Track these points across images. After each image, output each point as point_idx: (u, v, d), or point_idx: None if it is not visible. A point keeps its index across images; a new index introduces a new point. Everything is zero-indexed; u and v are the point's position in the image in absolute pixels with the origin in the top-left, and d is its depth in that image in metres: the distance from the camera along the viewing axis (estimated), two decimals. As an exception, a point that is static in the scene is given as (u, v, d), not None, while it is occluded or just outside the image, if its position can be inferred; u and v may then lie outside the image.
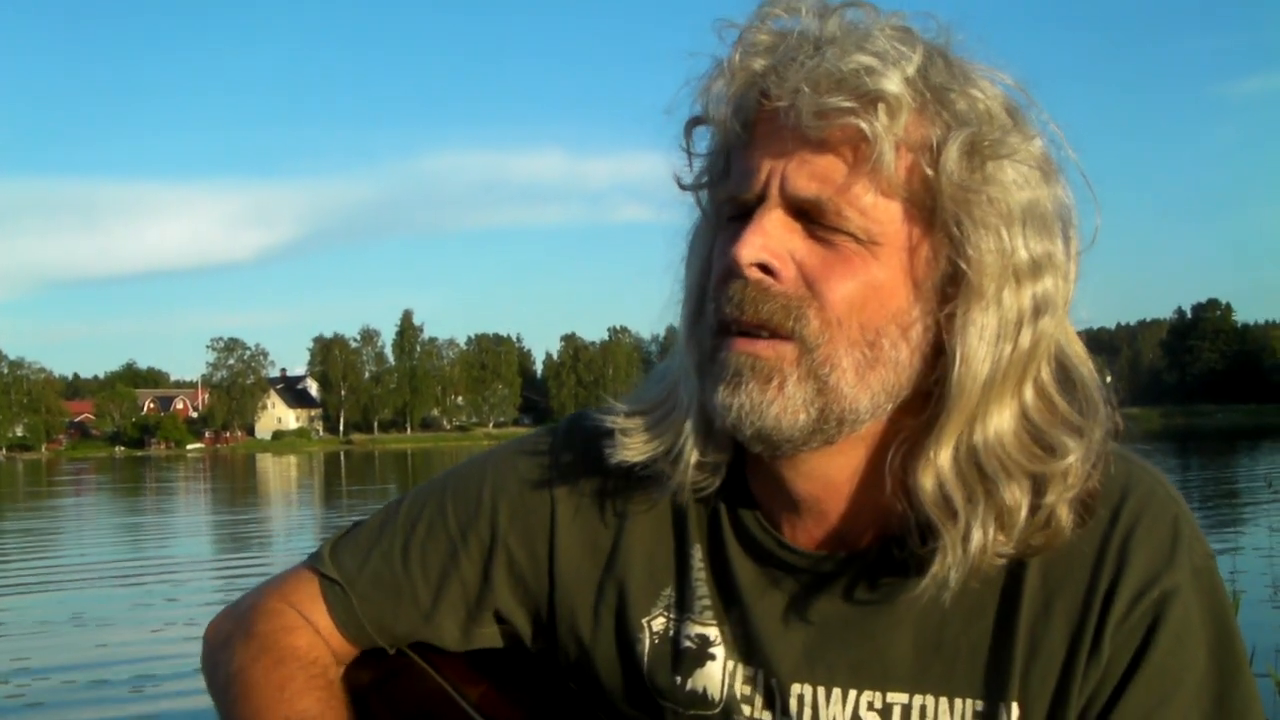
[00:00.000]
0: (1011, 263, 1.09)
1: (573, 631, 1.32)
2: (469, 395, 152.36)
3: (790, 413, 1.10)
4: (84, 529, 28.95)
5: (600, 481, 1.30)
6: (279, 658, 1.30)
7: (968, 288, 1.09)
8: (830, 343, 1.10)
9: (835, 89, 1.06)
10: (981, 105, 1.09)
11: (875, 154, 1.06)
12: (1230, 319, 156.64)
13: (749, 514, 1.25)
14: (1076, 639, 1.12)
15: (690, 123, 1.19)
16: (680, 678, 1.26)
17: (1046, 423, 1.12)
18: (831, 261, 1.09)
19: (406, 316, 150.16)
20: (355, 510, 29.12)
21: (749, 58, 1.12)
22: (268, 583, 1.42)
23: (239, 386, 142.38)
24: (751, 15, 1.14)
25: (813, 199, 1.08)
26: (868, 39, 1.08)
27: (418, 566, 1.34)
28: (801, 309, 1.09)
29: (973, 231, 1.08)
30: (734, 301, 1.10)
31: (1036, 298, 1.10)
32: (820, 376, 1.10)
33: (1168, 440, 67.98)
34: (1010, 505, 1.10)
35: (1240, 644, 1.13)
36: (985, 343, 1.09)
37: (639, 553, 1.28)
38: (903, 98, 1.06)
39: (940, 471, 1.11)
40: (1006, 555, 1.12)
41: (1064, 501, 1.11)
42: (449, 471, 1.40)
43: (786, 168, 1.09)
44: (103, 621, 12.92)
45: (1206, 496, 24.48)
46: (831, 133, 1.07)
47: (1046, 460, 1.11)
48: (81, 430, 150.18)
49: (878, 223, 1.09)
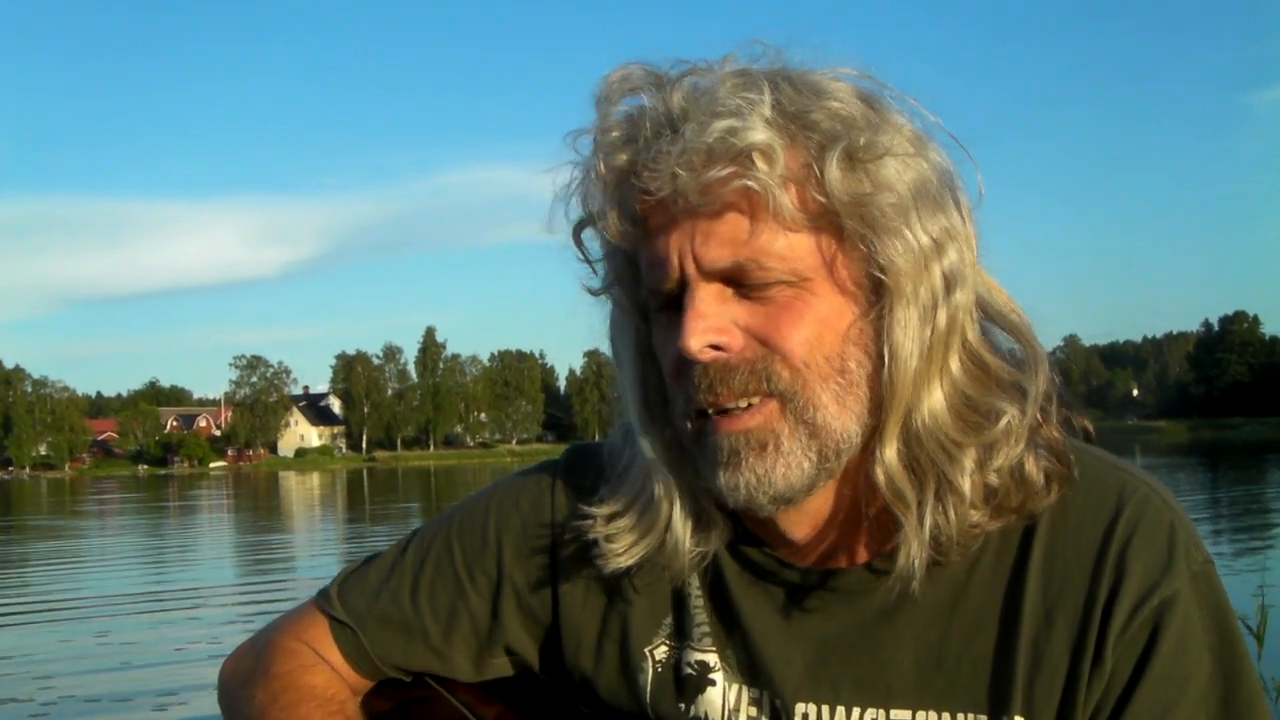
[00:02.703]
0: (919, 253, 1.11)
1: (578, 662, 1.34)
2: (492, 412, 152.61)
3: (795, 468, 1.12)
4: (109, 550, 29.03)
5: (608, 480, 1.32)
6: (298, 698, 1.32)
7: (889, 290, 1.11)
8: (806, 385, 1.11)
9: (709, 161, 1.07)
10: (842, 112, 1.10)
11: (769, 202, 1.08)
12: (1258, 331, 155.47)
13: (744, 538, 1.26)
14: (1079, 650, 1.13)
15: (576, 230, 1.22)
16: (683, 705, 1.27)
17: (979, 389, 1.14)
18: (774, 314, 1.11)
19: (429, 333, 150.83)
20: (380, 530, 29.13)
21: (612, 157, 1.14)
22: (281, 620, 1.45)
23: (262, 404, 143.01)
24: (598, 108, 1.17)
25: (731, 265, 1.10)
26: (716, 101, 1.09)
27: (427, 605, 1.37)
28: (768, 367, 1.11)
29: (878, 239, 1.10)
30: (703, 387, 1.12)
31: (946, 274, 1.12)
32: (808, 421, 1.12)
33: (1195, 454, 67.50)
34: (958, 484, 1.12)
35: (1243, 646, 1.14)
36: (910, 335, 1.11)
37: (639, 583, 1.30)
38: (772, 141, 1.08)
39: (889, 467, 1.13)
40: (983, 526, 1.14)
41: (1017, 459, 1.13)
42: (454, 508, 1.43)
43: (694, 246, 1.11)
44: (127, 641, 12.94)
45: (1235, 510, 24.27)
46: (722, 200, 1.09)
47: (985, 428, 1.13)
48: (105, 449, 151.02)
49: (798, 260, 1.10)
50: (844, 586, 1.21)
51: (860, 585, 1.21)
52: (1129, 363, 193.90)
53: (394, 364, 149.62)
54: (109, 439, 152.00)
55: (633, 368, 1.23)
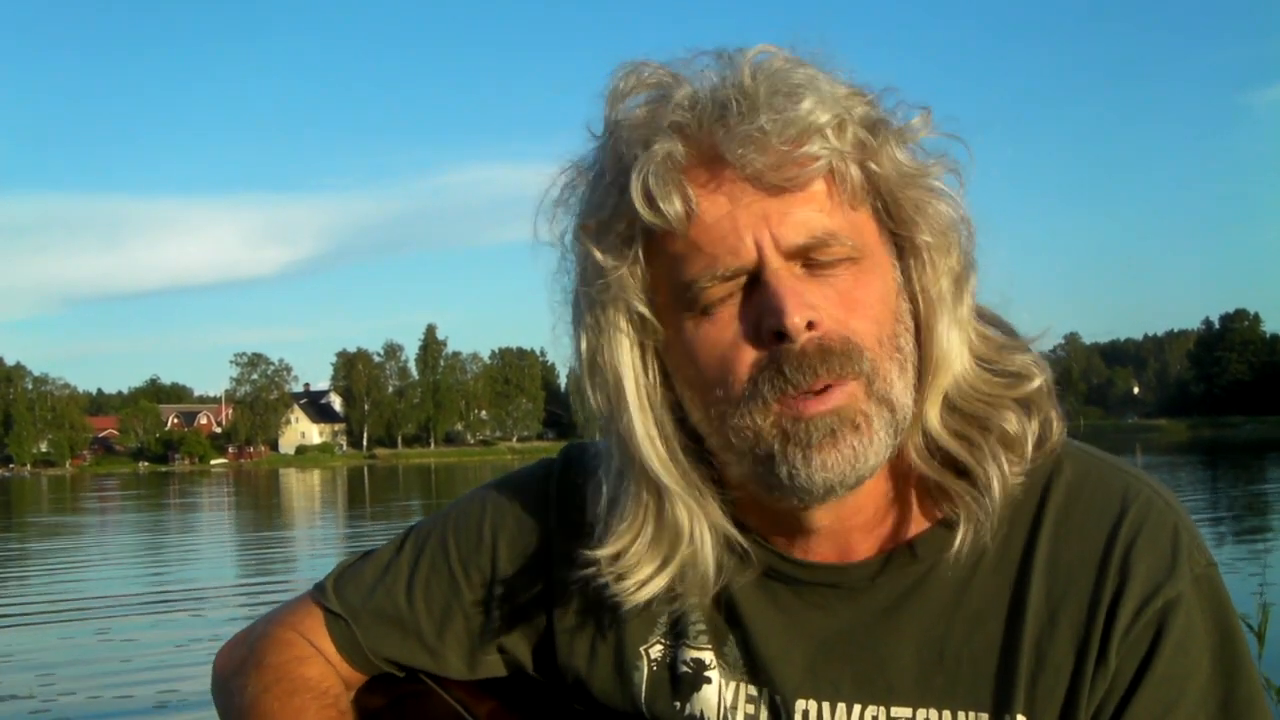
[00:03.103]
0: (949, 233, 1.16)
1: (571, 662, 1.34)
2: (493, 409, 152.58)
3: (881, 443, 1.13)
4: (109, 548, 29.03)
5: (595, 515, 1.30)
6: (291, 688, 1.32)
7: (931, 264, 1.15)
8: (880, 363, 1.12)
9: (799, 139, 1.08)
10: (871, 98, 1.15)
11: (842, 177, 1.11)
12: (1258, 329, 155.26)
13: (755, 553, 1.24)
14: (1083, 650, 1.14)
15: (585, 229, 1.18)
16: (679, 703, 1.27)
17: (995, 355, 1.19)
18: (845, 292, 1.12)
19: (430, 331, 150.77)
20: (380, 528, 29.13)
21: (665, 141, 1.11)
22: (275, 612, 1.44)
23: (262, 402, 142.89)
24: (617, 102, 1.16)
25: (809, 242, 1.10)
26: (790, 78, 1.11)
27: (421, 602, 1.37)
28: (855, 348, 1.11)
29: (920, 215, 1.15)
30: (800, 367, 1.09)
31: (965, 254, 1.18)
32: (885, 398, 1.12)
33: (1196, 452, 67.49)
34: (1014, 431, 1.16)
35: (1244, 649, 1.15)
36: (946, 308, 1.16)
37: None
38: (843, 117, 1.10)
39: (933, 432, 1.16)
40: (1021, 480, 1.17)
41: (1053, 411, 1.18)
42: (450, 506, 1.43)
43: (771, 225, 1.10)
44: (127, 638, 12.96)
45: (1236, 508, 24.26)
46: (804, 177, 1.10)
47: (1020, 385, 1.17)
48: (105, 446, 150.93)
49: (860, 236, 1.13)
50: (846, 583, 1.21)
51: (862, 582, 1.21)
52: (1129, 361, 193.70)
53: (395, 362, 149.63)
54: (110, 436, 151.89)
55: (635, 390, 1.19)
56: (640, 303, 1.17)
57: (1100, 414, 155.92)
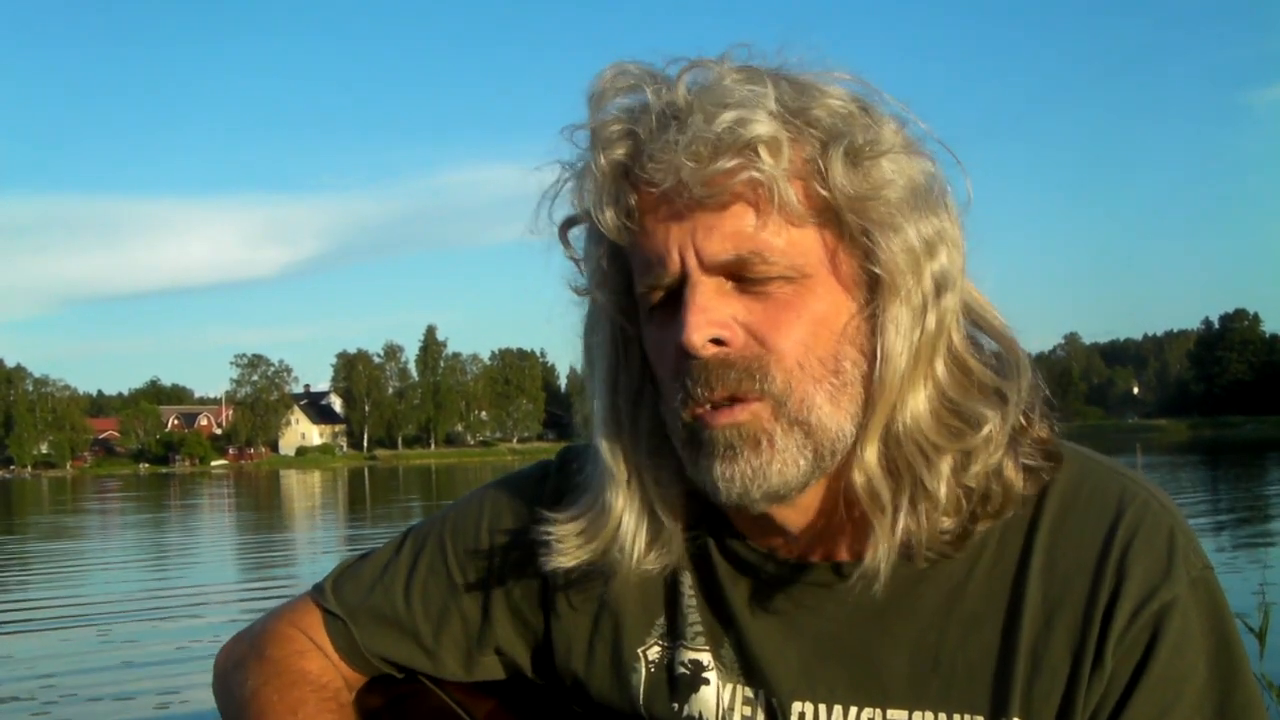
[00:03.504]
0: (914, 253, 1.12)
1: (569, 664, 1.34)
2: (493, 410, 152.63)
3: (790, 465, 1.12)
4: (110, 550, 29.04)
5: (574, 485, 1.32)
6: (292, 681, 1.33)
7: (884, 288, 1.12)
8: (799, 387, 1.11)
9: (716, 153, 1.07)
10: (842, 110, 1.12)
11: (774, 195, 1.08)
12: (1258, 329, 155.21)
13: (733, 536, 1.26)
14: (1079, 653, 1.13)
15: (564, 227, 1.22)
16: (677, 704, 1.27)
17: (962, 393, 1.15)
18: (773, 311, 1.11)
19: (430, 332, 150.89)
20: (381, 529, 29.15)
21: (611, 150, 1.13)
22: (276, 610, 1.45)
23: (263, 403, 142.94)
24: (593, 105, 1.16)
25: (734, 258, 1.10)
26: (723, 93, 1.09)
27: (419, 603, 1.37)
28: (762, 367, 1.11)
29: (880, 236, 1.11)
30: (700, 381, 1.11)
31: (936, 277, 1.13)
32: (802, 421, 1.11)
33: (1196, 452, 67.47)
34: (932, 490, 1.12)
35: (1241, 652, 1.15)
36: (901, 335, 1.12)
37: (631, 584, 1.29)
38: (778, 134, 1.08)
39: (868, 468, 1.13)
40: (952, 532, 1.14)
41: (996, 465, 1.14)
42: (448, 507, 1.43)
43: (695, 239, 1.10)
44: (128, 640, 12.96)
45: (1236, 509, 24.24)
46: (728, 192, 1.09)
47: (966, 434, 1.13)
48: (106, 447, 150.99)
49: (801, 255, 1.11)
50: (838, 585, 1.21)
51: (855, 583, 1.20)
52: (1129, 361, 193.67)
53: (395, 362, 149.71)
54: (110, 438, 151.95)
55: (606, 371, 1.22)
56: (615, 294, 1.20)
57: (1100, 414, 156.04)
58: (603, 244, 1.19)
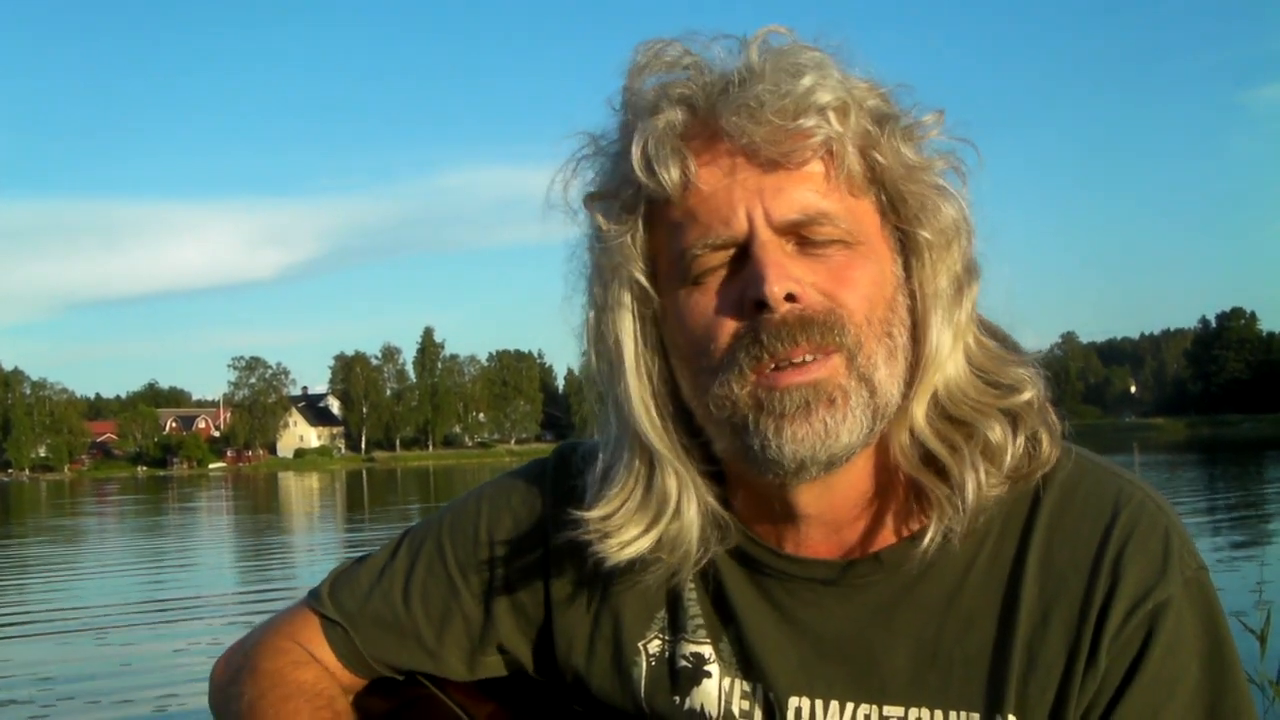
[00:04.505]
0: (952, 232, 1.17)
1: (570, 660, 1.34)
2: (491, 412, 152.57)
3: (857, 425, 1.13)
4: (109, 554, 28.99)
5: (589, 482, 1.31)
6: (286, 693, 1.33)
7: (930, 261, 1.16)
8: (866, 340, 1.13)
9: (797, 113, 1.10)
10: (882, 93, 1.16)
11: (843, 161, 1.12)
12: (1255, 328, 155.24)
13: (735, 530, 1.25)
14: (1074, 651, 1.14)
15: (590, 199, 1.22)
16: (678, 698, 1.28)
17: (991, 365, 1.19)
18: (835, 271, 1.13)
19: (427, 333, 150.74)
20: (380, 532, 29.11)
21: (671, 111, 1.15)
22: (271, 620, 1.45)
23: (260, 405, 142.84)
24: (634, 75, 1.18)
25: (800, 220, 1.12)
26: (799, 55, 1.13)
27: (419, 605, 1.37)
28: (838, 320, 1.12)
29: (925, 211, 1.15)
30: (780, 337, 1.11)
31: (967, 256, 1.18)
32: (867, 378, 1.13)
33: (1193, 451, 67.47)
34: (996, 441, 1.15)
35: (1233, 652, 1.16)
36: (943, 307, 1.16)
37: (632, 580, 1.28)
38: (847, 102, 1.12)
39: (918, 429, 1.16)
40: (999, 492, 1.16)
41: (1042, 428, 1.18)
42: (445, 509, 1.43)
43: (764, 199, 1.12)
44: (126, 644, 12.92)
45: (1234, 507, 24.22)
46: (802, 153, 1.11)
47: (1009, 396, 1.17)
48: (104, 450, 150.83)
49: (858, 223, 1.14)
50: (841, 582, 1.22)
51: (856, 581, 1.21)
52: (1127, 360, 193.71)
53: (392, 364, 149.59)
54: (108, 440, 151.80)
55: (634, 358, 1.21)
56: (640, 271, 1.19)
57: (1097, 413, 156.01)
58: (634, 215, 1.18)
